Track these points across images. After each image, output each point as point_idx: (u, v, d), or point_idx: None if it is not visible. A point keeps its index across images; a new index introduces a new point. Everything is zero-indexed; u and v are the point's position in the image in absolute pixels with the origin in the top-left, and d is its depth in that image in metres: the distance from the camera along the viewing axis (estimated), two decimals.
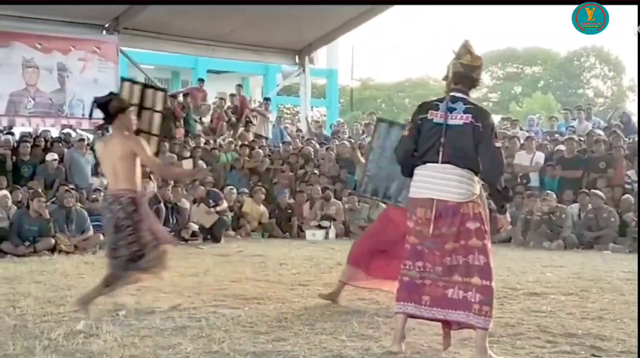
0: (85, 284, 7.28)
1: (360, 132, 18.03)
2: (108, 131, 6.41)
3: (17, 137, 15.18)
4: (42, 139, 15.00)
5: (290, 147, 16.87)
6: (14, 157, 13.67)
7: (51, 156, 13.72)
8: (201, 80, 20.92)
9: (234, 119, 18.89)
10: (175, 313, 6.12)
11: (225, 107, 19.36)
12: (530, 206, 12.63)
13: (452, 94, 4.78)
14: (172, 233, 12.84)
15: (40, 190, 11.88)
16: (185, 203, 13.42)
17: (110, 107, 5.99)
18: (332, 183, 15.08)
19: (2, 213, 11.47)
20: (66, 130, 16.43)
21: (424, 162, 4.75)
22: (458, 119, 4.69)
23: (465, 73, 4.80)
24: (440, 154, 4.67)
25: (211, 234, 12.88)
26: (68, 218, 11.41)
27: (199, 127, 18.81)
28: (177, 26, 17.55)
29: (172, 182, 13.69)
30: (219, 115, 18.98)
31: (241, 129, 18.45)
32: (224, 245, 12.34)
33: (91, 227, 11.48)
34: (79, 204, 11.85)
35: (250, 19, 17.26)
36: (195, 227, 13.10)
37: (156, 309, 6.27)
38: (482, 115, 4.71)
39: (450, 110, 4.71)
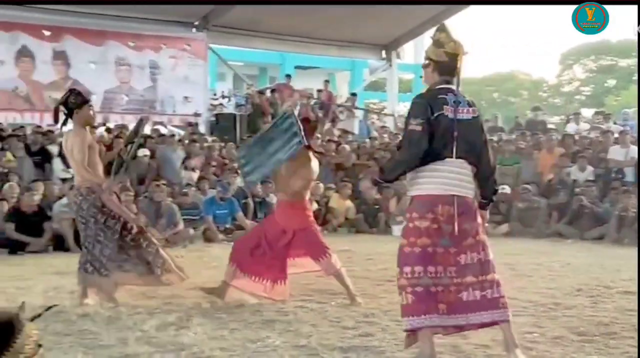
0: None
1: None
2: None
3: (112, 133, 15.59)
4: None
5: (377, 142, 16.81)
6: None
7: (142, 152, 13.98)
8: (288, 76, 21.13)
9: (320, 115, 18.97)
10: (263, 307, 6.19)
11: (312, 102, 19.48)
12: (624, 202, 12.22)
13: (446, 86, 4.52)
14: None
15: (129, 184, 12.11)
16: (273, 199, 13.52)
17: (68, 103, 6.21)
18: None
19: None
20: (157, 126, 16.79)
21: (443, 158, 4.47)
22: (466, 112, 4.48)
23: (450, 62, 4.53)
24: (454, 149, 4.44)
25: None
26: (158, 212, 11.61)
27: None
28: (265, 23, 17.73)
29: None
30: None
31: (328, 125, 18.52)
32: None
33: (181, 221, 11.66)
34: (169, 199, 12.06)
35: (336, 14, 17.30)
36: None
37: (245, 303, 6.36)
38: (478, 108, 4.60)
39: (456, 103, 4.47)
